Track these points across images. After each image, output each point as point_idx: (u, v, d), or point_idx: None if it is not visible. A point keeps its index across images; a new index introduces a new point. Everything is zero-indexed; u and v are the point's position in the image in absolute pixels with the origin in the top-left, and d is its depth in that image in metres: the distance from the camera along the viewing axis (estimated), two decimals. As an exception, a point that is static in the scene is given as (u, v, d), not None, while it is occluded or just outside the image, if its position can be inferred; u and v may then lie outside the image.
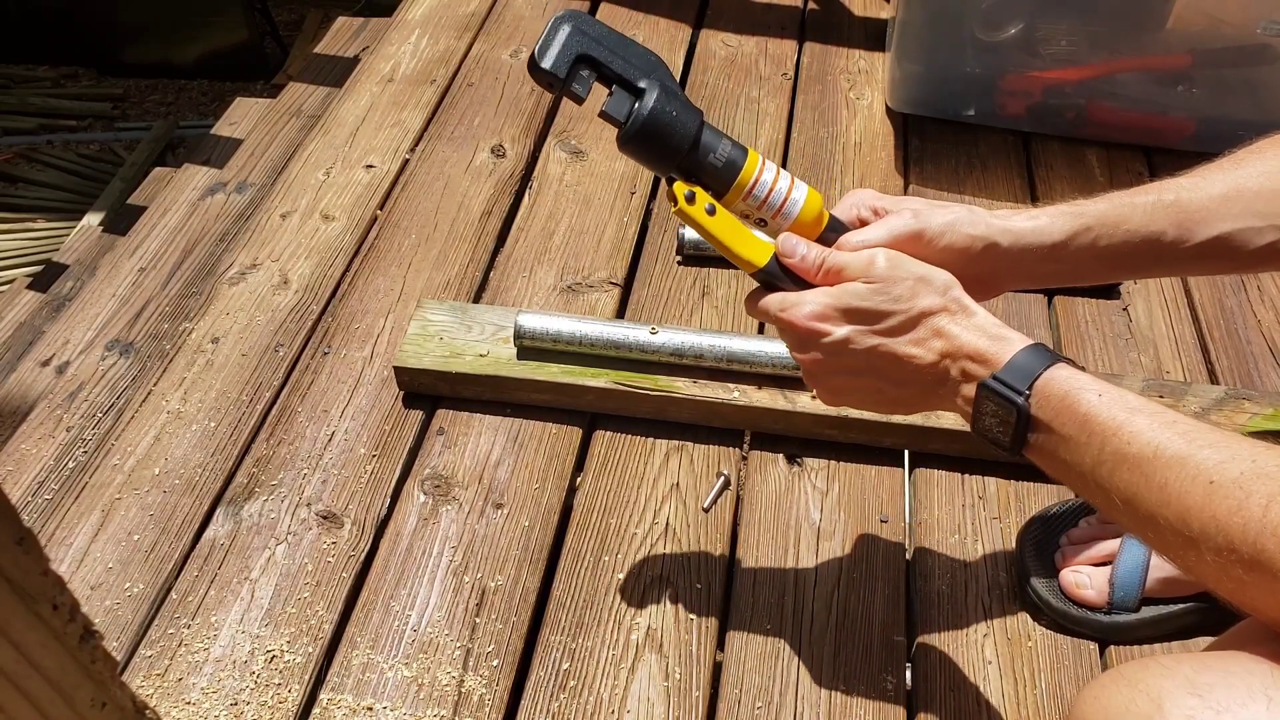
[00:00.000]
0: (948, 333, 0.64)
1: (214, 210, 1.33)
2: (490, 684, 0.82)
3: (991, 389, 0.61)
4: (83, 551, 0.91)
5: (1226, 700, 0.47)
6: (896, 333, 0.64)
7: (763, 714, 0.81)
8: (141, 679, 0.82)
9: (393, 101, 1.43)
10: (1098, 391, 0.58)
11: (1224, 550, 0.49)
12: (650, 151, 0.67)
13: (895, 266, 0.65)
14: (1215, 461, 0.51)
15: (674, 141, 0.66)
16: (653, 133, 0.66)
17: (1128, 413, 0.56)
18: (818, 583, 0.89)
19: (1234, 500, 0.49)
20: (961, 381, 0.63)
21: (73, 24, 2.80)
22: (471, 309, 1.06)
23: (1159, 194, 0.72)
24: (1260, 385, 1.07)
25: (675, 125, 0.66)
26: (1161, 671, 0.50)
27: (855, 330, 0.65)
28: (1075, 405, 0.58)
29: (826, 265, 0.68)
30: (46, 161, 2.54)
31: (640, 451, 0.99)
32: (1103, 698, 0.52)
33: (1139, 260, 0.73)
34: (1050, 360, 0.60)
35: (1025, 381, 0.60)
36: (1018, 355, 0.61)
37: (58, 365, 1.12)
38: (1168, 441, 0.54)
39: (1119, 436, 0.55)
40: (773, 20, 1.63)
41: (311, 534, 0.92)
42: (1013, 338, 0.63)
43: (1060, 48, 1.31)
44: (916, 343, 0.64)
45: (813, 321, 0.66)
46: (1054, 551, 0.89)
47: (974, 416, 0.63)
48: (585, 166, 1.33)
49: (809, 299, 0.66)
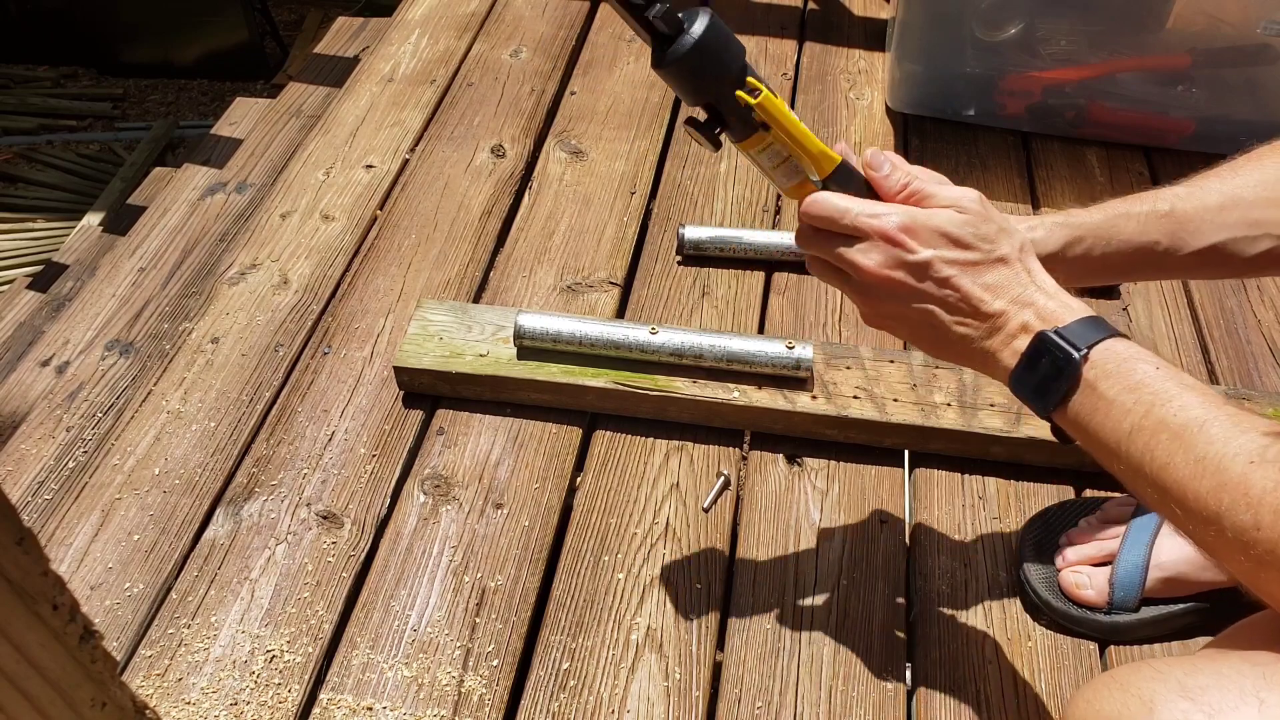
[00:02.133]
0: (1019, 282, 0.63)
1: (214, 210, 1.33)
2: (490, 684, 0.82)
3: (1049, 341, 0.60)
4: (83, 551, 0.91)
5: (1218, 703, 0.47)
6: (974, 271, 0.63)
7: (763, 714, 0.81)
8: (141, 679, 0.82)
9: (393, 101, 1.43)
10: (1155, 365, 0.58)
11: (1249, 529, 0.50)
12: (700, 71, 0.64)
13: (987, 208, 0.65)
14: (1259, 445, 0.51)
15: (723, 65, 0.64)
16: (707, 50, 0.63)
17: (1180, 387, 0.56)
18: (818, 583, 0.89)
19: (1270, 481, 0.49)
20: (1018, 334, 0.62)
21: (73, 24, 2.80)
22: (471, 309, 1.06)
23: (1154, 204, 0.73)
24: (1260, 385, 1.07)
25: (729, 47, 0.64)
26: (1153, 675, 0.51)
27: (938, 255, 0.63)
28: (1130, 373, 0.58)
29: (912, 188, 0.66)
30: (46, 161, 2.54)
31: (640, 451, 0.99)
32: (1095, 701, 0.52)
33: (1134, 267, 0.74)
34: (1111, 331, 0.60)
35: (1085, 341, 0.59)
36: (1079, 321, 0.61)
37: (58, 365, 1.12)
38: (1214, 419, 0.54)
39: (1168, 406, 0.55)
40: (773, 20, 1.63)
41: (311, 534, 0.92)
42: (1077, 305, 0.62)
43: (1060, 48, 1.31)
44: (989, 288, 0.63)
45: (902, 233, 0.63)
46: (1054, 551, 0.89)
47: (1018, 369, 0.62)
48: (585, 166, 1.33)
49: (898, 210, 0.64)
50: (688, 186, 1.31)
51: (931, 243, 0.63)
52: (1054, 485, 0.96)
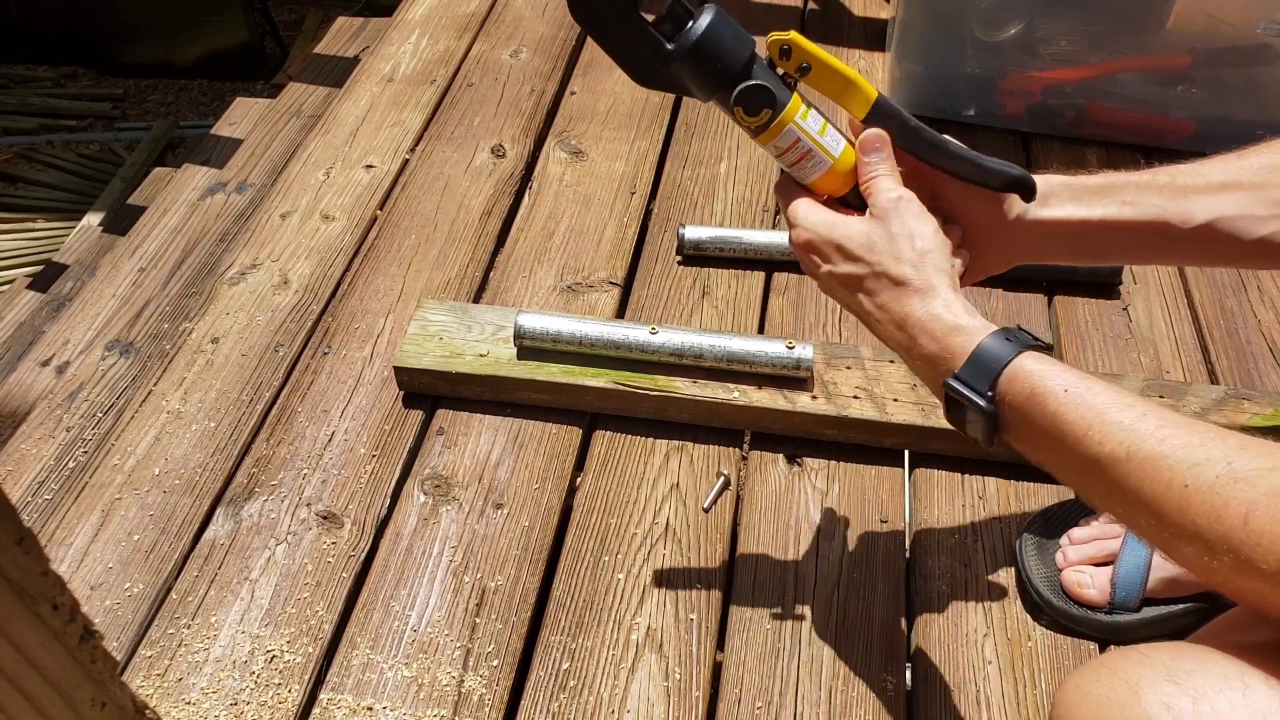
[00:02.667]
0: (904, 318, 0.63)
1: (214, 210, 1.33)
2: (490, 684, 0.82)
3: (954, 391, 0.60)
4: (83, 551, 0.91)
5: (1203, 686, 0.48)
6: (862, 287, 0.65)
7: (763, 714, 0.81)
8: (141, 679, 0.82)
9: (393, 101, 1.43)
10: (1064, 386, 0.56)
11: (1204, 554, 0.49)
12: (703, 68, 0.65)
13: (898, 213, 0.65)
14: (1190, 464, 0.50)
15: (728, 60, 0.65)
16: (710, 45, 0.64)
17: (1096, 410, 0.55)
18: (818, 583, 0.89)
19: (1211, 508, 0.48)
20: (924, 370, 0.63)
21: (73, 24, 2.80)
22: (471, 309, 1.06)
23: (1154, 175, 0.73)
24: (1260, 385, 1.07)
25: (734, 41, 0.65)
26: (1140, 659, 0.51)
27: (830, 270, 0.67)
28: (1043, 404, 0.57)
29: (869, 185, 0.68)
30: (46, 161, 2.54)
31: (640, 451, 0.99)
32: (1084, 685, 0.53)
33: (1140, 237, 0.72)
34: (1013, 351, 0.59)
35: (987, 381, 0.59)
36: (978, 349, 0.60)
37: (58, 365, 1.12)
38: (1139, 442, 0.52)
39: (1089, 437, 0.54)
40: (773, 20, 1.63)
41: (311, 534, 0.92)
42: (970, 329, 0.61)
43: (1060, 48, 1.31)
44: (881, 307, 0.65)
45: (804, 251, 0.68)
46: (1055, 551, 0.89)
47: (945, 411, 0.63)
48: (585, 166, 1.33)
49: (813, 224, 0.67)
50: (688, 186, 1.31)
51: (828, 257, 0.67)
52: (1054, 485, 0.96)
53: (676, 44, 0.64)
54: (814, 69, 0.66)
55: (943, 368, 0.61)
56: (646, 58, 0.65)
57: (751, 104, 0.65)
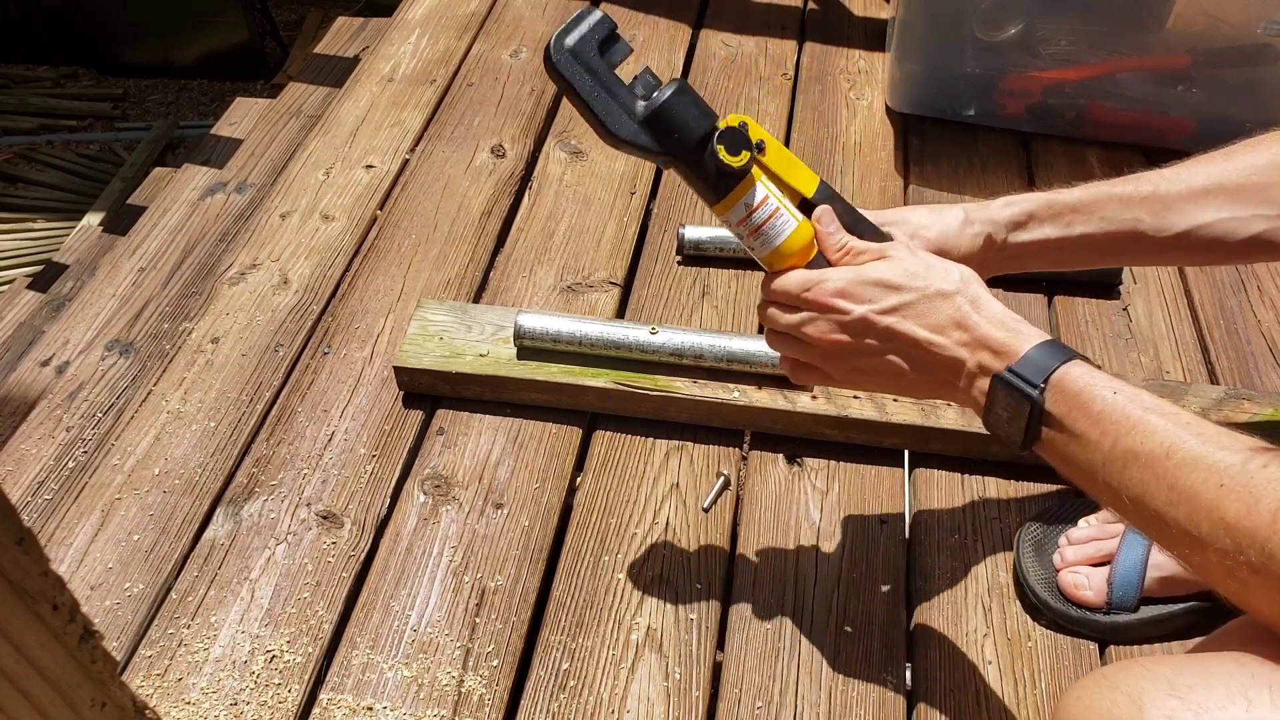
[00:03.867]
0: (967, 322, 0.63)
1: (214, 210, 1.33)
2: (490, 684, 0.82)
3: (1007, 382, 0.61)
4: (83, 551, 0.91)
5: (1206, 701, 0.48)
6: (914, 312, 0.65)
7: (763, 714, 0.81)
8: (141, 679, 0.82)
9: (393, 101, 1.43)
10: (1113, 389, 0.58)
11: (1231, 553, 0.50)
12: (674, 126, 0.68)
13: (913, 250, 0.67)
14: (1227, 464, 0.51)
15: (697, 120, 0.67)
16: (680, 105, 0.67)
17: (1142, 411, 0.56)
18: (818, 583, 0.89)
19: (1244, 504, 0.49)
20: (977, 375, 0.63)
21: (73, 24, 2.80)
22: (471, 309, 1.06)
23: (1136, 185, 0.73)
24: (1260, 385, 1.07)
25: (690, 116, 0.67)
26: (1142, 673, 0.51)
27: (872, 309, 0.65)
28: (1090, 402, 0.58)
29: (846, 246, 0.68)
30: (46, 161, 2.54)
31: (640, 451, 0.99)
32: (1085, 698, 0.53)
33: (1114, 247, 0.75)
34: (1066, 356, 0.60)
35: (1041, 375, 0.60)
36: (1033, 350, 0.61)
37: (58, 365, 1.12)
38: (1181, 442, 0.54)
39: (1132, 435, 0.55)
40: (773, 20, 1.63)
41: (311, 534, 0.92)
42: (1028, 332, 0.62)
43: (1060, 48, 1.31)
44: (936, 329, 0.64)
45: (837, 298, 0.66)
46: (1053, 552, 0.89)
47: (986, 409, 0.63)
48: (585, 166, 1.33)
49: (832, 275, 0.67)
50: (687, 187, 1.31)
51: (866, 297, 0.66)
52: (1054, 485, 0.96)
53: (649, 103, 0.68)
54: (768, 147, 0.69)
55: (1000, 362, 0.62)
56: (619, 116, 0.68)
57: (733, 144, 0.67)
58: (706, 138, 0.68)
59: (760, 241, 0.70)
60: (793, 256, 0.70)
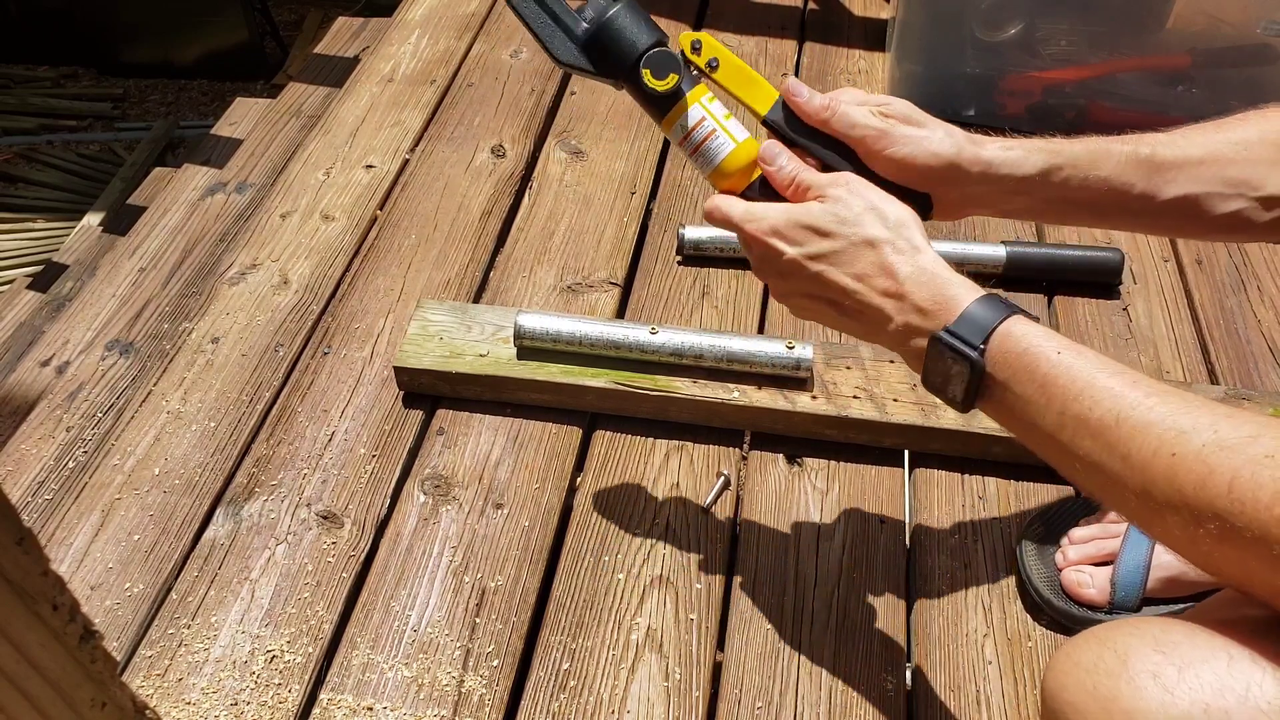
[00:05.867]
0: (893, 271, 0.62)
1: (214, 210, 1.33)
2: (490, 684, 0.82)
3: (944, 343, 0.59)
4: (83, 551, 0.91)
5: (1189, 656, 0.48)
6: (840, 260, 0.64)
7: (763, 714, 0.81)
8: (141, 679, 0.82)
9: (393, 101, 1.43)
10: (1056, 349, 0.56)
11: (1189, 524, 0.49)
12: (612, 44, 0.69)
13: (852, 191, 0.65)
14: (1177, 431, 0.51)
15: (635, 38, 0.69)
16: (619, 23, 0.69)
17: (1088, 375, 0.55)
18: (818, 583, 0.89)
19: (1197, 475, 0.49)
20: (911, 334, 0.62)
21: (73, 24, 2.80)
22: (471, 309, 1.06)
23: (1136, 146, 0.72)
24: (1260, 385, 1.07)
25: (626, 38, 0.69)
26: (1130, 630, 0.52)
27: (802, 252, 0.65)
28: (1034, 364, 0.56)
29: (797, 180, 0.68)
30: (46, 161, 2.54)
31: (640, 451, 0.99)
32: (1074, 654, 0.53)
33: (1106, 208, 0.73)
34: (1005, 312, 0.58)
35: (980, 335, 0.58)
36: (971, 306, 0.59)
37: (58, 365, 1.12)
38: (1129, 409, 0.53)
39: (1080, 401, 0.54)
40: (773, 20, 1.63)
41: (311, 534, 0.92)
42: (963, 287, 0.61)
43: (1060, 48, 1.31)
44: (860, 277, 0.63)
45: (768, 237, 0.66)
46: (1055, 551, 0.89)
47: (925, 371, 0.61)
48: (585, 166, 1.33)
49: (771, 213, 0.66)
50: (688, 186, 1.31)
51: (797, 240, 0.65)
52: (1054, 485, 0.96)
53: (589, 23, 0.70)
54: (721, 64, 0.71)
55: (933, 322, 0.60)
56: (561, 41, 0.70)
57: (659, 68, 0.69)
58: (647, 53, 0.69)
59: (700, 161, 0.71)
60: (731, 177, 0.71)
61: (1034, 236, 1.25)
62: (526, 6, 0.70)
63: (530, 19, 0.71)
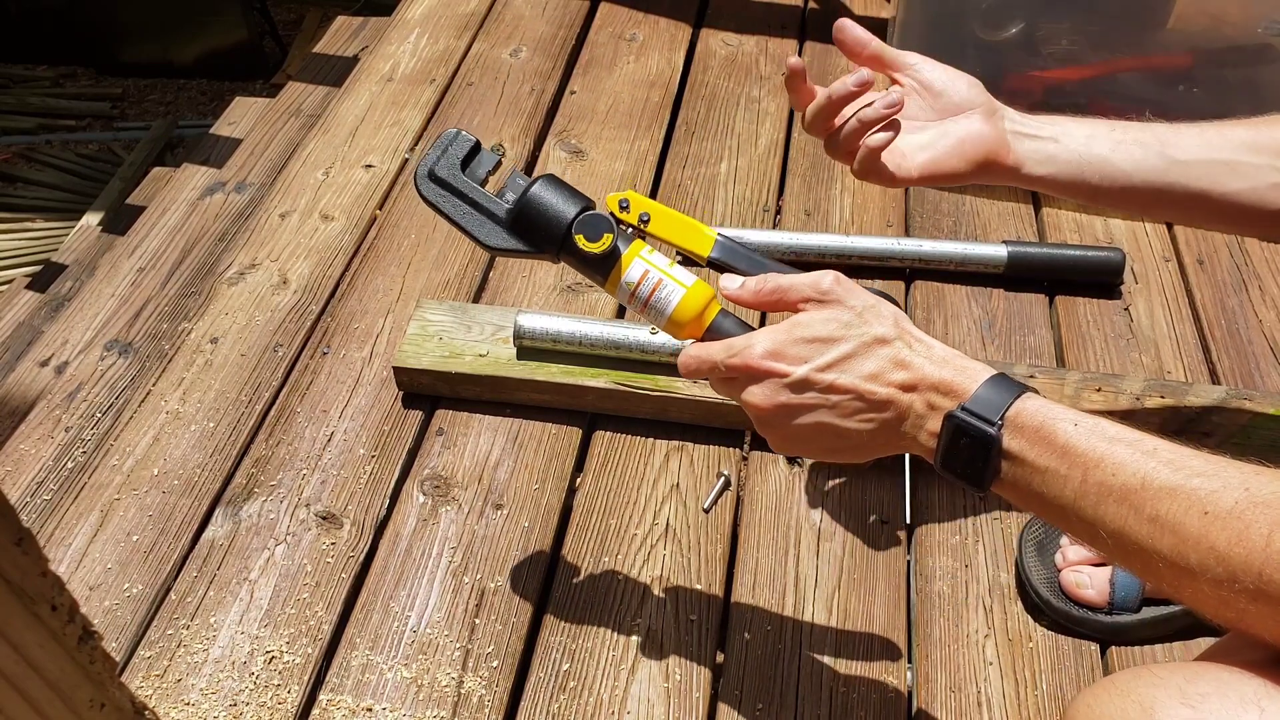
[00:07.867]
0: (908, 363, 0.60)
1: (213, 210, 1.33)
2: (490, 685, 0.82)
3: (960, 421, 0.58)
4: (81, 552, 0.91)
5: (1219, 710, 0.47)
6: (851, 365, 0.61)
7: (763, 714, 0.81)
8: (140, 680, 0.82)
9: (392, 101, 1.43)
10: (1073, 421, 0.56)
11: (1225, 582, 0.48)
12: (536, 221, 0.68)
13: (845, 289, 0.63)
14: (1207, 490, 0.50)
15: (560, 211, 0.68)
16: (541, 200, 0.68)
17: (1108, 442, 0.54)
18: (818, 583, 0.89)
19: (1233, 531, 0.48)
20: (926, 416, 0.60)
21: (72, 24, 2.79)
22: (471, 309, 1.06)
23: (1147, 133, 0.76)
24: (1261, 385, 1.07)
25: (549, 213, 0.68)
26: (1153, 680, 0.50)
27: (812, 367, 0.61)
28: (1052, 436, 0.55)
29: (770, 285, 0.65)
30: (46, 161, 2.54)
31: (640, 451, 0.99)
32: (1095, 706, 0.52)
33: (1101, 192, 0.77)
34: (1018, 390, 0.58)
35: (996, 411, 0.57)
36: (983, 386, 0.58)
37: (57, 365, 1.12)
38: (1154, 471, 0.52)
39: (1101, 468, 0.53)
40: (773, 19, 1.63)
41: (311, 534, 0.92)
42: (975, 367, 0.60)
43: (1061, 47, 1.31)
44: (874, 377, 0.60)
45: (768, 361, 0.61)
46: (1054, 551, 0.89)
47: (941, 452, 0.60)
48: (585, 166, 1.33)
49: (757, 338, 0.63)
50: (688, 186, 1.31)
51: (801, 355, 0.61)
52: (1055, 485, 0.96)
53: (511, 203, 0.69)
54: (653, 217, 0.70)
55: (951, 400, 0.59)
56: (490, 229, 0.69)
57: (592, 230, 0.67)
58: (570, 228, 0.67)
59: (654, 314, 0.68)
60: (689, 323, 0.67)
61: (1035, 236, 1.25)
62: (445, 200, 0.69)
63: (451, 213, 0.69)
